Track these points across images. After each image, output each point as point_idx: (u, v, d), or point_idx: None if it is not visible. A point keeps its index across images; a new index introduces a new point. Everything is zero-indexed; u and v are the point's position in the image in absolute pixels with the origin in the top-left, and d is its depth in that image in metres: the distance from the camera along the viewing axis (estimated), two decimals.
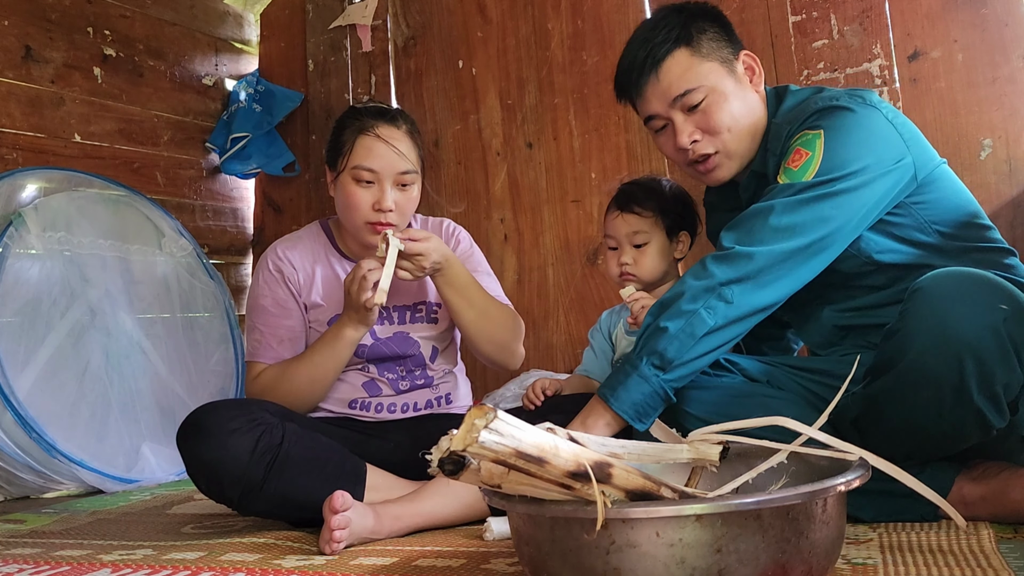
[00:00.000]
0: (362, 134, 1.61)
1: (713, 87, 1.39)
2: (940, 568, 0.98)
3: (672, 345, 1.25)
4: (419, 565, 1.18)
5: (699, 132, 1.41)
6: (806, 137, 1.31)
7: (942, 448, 1.20)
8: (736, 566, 0.80)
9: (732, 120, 1.40)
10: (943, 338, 1.08)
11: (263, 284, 1.69)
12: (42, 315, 2.29)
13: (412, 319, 1.73)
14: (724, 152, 1.42)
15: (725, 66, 1.41)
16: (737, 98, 1.41)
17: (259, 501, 1.40)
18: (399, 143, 1.61)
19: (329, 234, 1.76)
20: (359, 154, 1.60)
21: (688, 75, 1.39)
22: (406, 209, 1.64)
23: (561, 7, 2.78)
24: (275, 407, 1.52)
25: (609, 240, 1.74)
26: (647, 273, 1.71)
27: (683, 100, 1.39)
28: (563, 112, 2.77)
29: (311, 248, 1.74)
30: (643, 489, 0.85)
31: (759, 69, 1.45)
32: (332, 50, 3.21)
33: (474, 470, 0.80)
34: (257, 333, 1.67)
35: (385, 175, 1.59)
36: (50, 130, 2.63)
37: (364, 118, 1.63)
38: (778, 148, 1.39)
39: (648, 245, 1.71)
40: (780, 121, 1.41)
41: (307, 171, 3.25)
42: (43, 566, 1.33)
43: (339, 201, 1.66)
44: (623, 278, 1.72)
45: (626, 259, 1.71)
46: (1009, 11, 2.14)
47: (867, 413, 1.24)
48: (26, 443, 2.14)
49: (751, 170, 1.45)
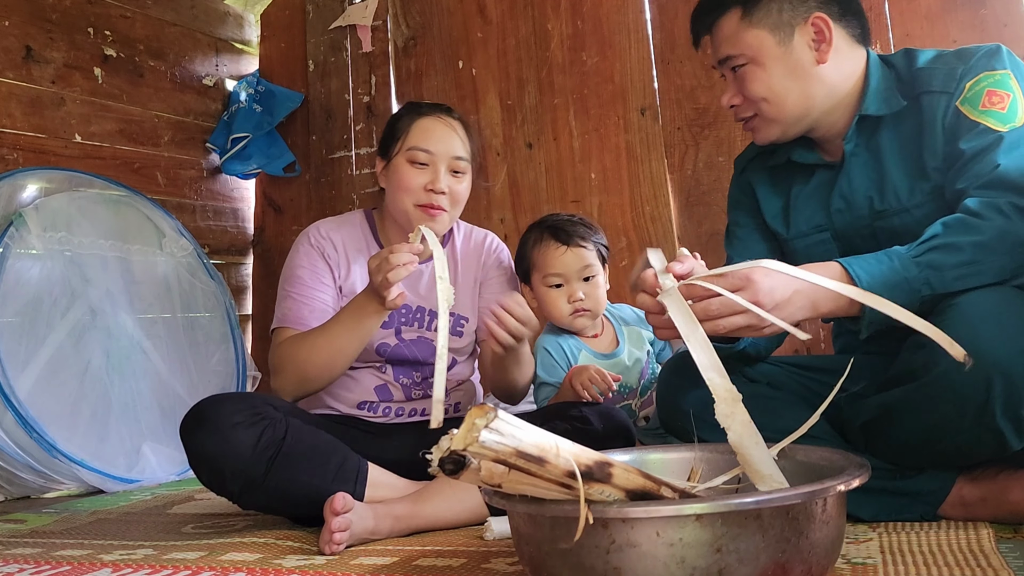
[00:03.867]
0: (420, 117, 1.65)
1: (753, 56, 1.34)
2: (940, 568, 0.98)
3: (950, 274, 1.14)
4: (419, 565, 1.18)
5: (739, 96, 1.38)
6: (993, 78, 1.27)
7: (951, 461, 1.20)
8: (736, 566, 0.80)
9: (768, 92, 1.35)
10: (974, 356, 1.07)
11: (302, 255, 1.68)
12: (43, 315, 2.29)
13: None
14: (762, 117, 1.38)
15: (776, 34, 1.33)
16: (781, 69, 1.34)
17: (260, 495, 1.40)
18: (457, 129, 1.66)
19: (372, 225, 1.76)
20: (415, 135, 1.63)
21: (731, 39, 1.36)
22: (458, 197, 1.65)
23: (561, 7, 2.78)
24: (279, 401, 1.51)
25: (552, 278, 1.71)
26: (600, 305, 1.71)
27: (726, 63, 1.38)
28: (563, 112, 2.77)
29: (353, 235, 1.73)
30: (643, 489, 0.86)
31: (829, 36, 1.34)
32: (332, 50, 3.21)
33: (474, 470, 0.80)
34: (289, 301, 1.65)
35: (440, 158, 1.61)
36: (51, 130, 2.63)
37: (422, 107, 1.69)
38: (936, 87, 1.30)
39: (595, 278, 1.71)
40: (930, 67, 1.32)
41: (307, 171, 3.25)
42: (43, 566, 1.33)
43: (391, 186, 1.66)
44: (577, 315, 1.70)
45: (580, 294, 1.69)
46: (1008, 11, 2.15)
47: (879, 420, 1.23)
48: (27, 443, 2.14)
49: (859, 115, 1.35)
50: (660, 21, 2.65)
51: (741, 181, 1.57)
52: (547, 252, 1.71)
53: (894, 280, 1.12)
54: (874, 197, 1.35)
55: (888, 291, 1.09)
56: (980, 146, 1.23)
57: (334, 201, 3.15)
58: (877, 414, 1.23)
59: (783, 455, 1.07)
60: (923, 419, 1.15)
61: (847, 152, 1.38)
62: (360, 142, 3.14)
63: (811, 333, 1.71)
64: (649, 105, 2.65)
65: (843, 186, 1.38)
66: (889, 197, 1.34)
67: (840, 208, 1.39)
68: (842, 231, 1.40)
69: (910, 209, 1.32)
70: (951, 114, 1.28)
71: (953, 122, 1.28)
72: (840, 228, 1.40)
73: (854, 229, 1.38)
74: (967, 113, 1.26)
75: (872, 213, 1.36)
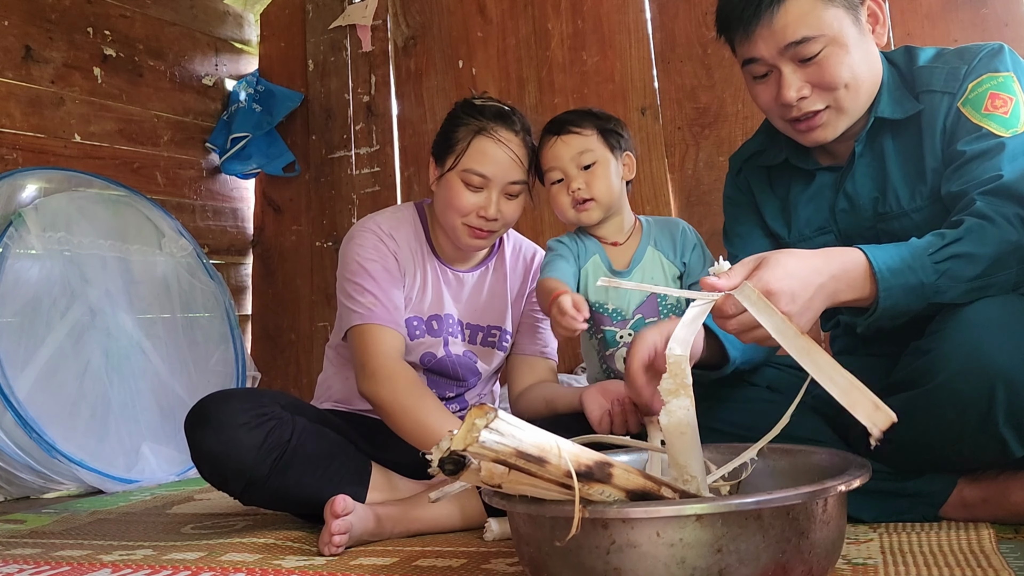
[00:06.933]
0: (480, 135, 1.54)
1: (835, 37, 1.22)
2: (940, 568, 0.98)
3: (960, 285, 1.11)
4: (419, 565, 1.18)
5: (808, 87, 1.25)
6: (996, 80, 1.24)
7: (953, 466, 1.20)
8: (736, 566, 0.80)
9: (851, 76, 1.24)
10: (977, 364, 1.06)
11: (370, 248, 1.59)
12: (42, 315, 2.29)
13: (484, 341, 1.70)
14: (836, 107, 1.27)
15: (851, 13, 1.23)
16: (859, 50, 1.25)
17: (262, 494, 1.39)
18: (516, 149, 1.55)
19: (425, 225, 1.68)
20: (473, 157, 1.53)
21: (808, 19, 1.21)
22: (510, 219, 1.59)
23: (561, 7, 2.78)
24: (286, 399, 1.49)
25: (551, 173, 1.57)
26: (604, 194, 1.54)
27: (796, 49, 1.23)
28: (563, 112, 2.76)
29: (410, 236, 1.65)
30: (643, 489, 0.85)
31: (883, 17, 1.28)
32: (332, 50, 3.21)
33: (474, 470, 0.80)
34: (368, 296, 1.54)
35: (496, 183, 1.54)
36: (50, 130, 2.63)
37: (483, 119, 1.56)
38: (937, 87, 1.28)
39: (596, 165, 1.54)
40: (931, 66, 1.30)
41: (307, 171, 3.25)
42: (43, 566, 1.33)
43: (441, 198, 1.59)
44: (579, 208, 1.55)
45: (577, 184, 1.53)
46: (1009, 11, 2.15)
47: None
48: (26, 443, 2.13)
49: (874, 117, 1.31)
50: (660, 21, 2.65)
51: (738, 180, 1.54)
52: (543, 149, 1.58)
53: (913, 283, 1.10)
54: (879, 198, 1.34)
55: (903, 292, 1.09)
56: (981, 150, 1.22)
57: (334, 201, 3.15)
58: None
59: (783, 455, 1.07)
60: (925, 426, 1.14)
61: (856, 153, 1.35)
62: (360, 142, 3.14)
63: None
64: (649, 105, 2.65)
65: (848, 187, 1.37)
66: (891, 200, 1.33)
67: (844, 208, 1.38)
68: (846, 232, 1.38)
69: (910, 213, 1.31)
70: (952, 115, 1.27)
71: (954, 123, 1.26)
72: (844, 229, 1.39)
73: (857, 231, 1.37)
74: (969, 116, 1.25)
75: (875, 215, 1.35)
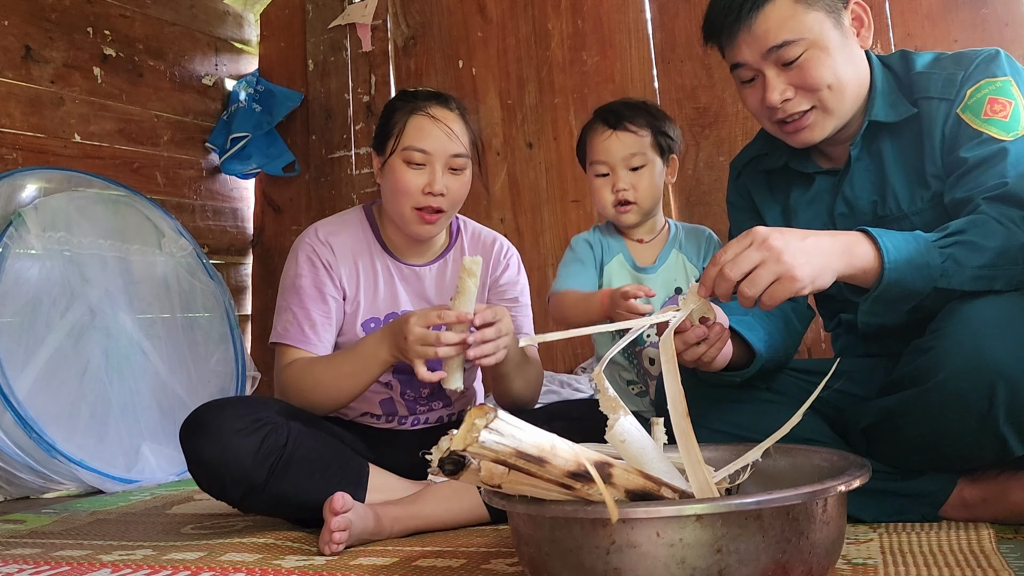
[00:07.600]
0: (414, 114, 1.57)
1: (815, 40, 1.24)
2: (940, 568, 0.98)
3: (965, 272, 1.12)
4: (419, 565, 1.18)
5: (792, 89, 1.27)
6: (994, 85, 1.24)
7: (953, 465, 1.20)
8: (736, 566, 0.80)
9: (834, 78, 1.26)
10: (978, 362, 1.06)
11: (301, 264, 1.62)
12: (42, 315, 2.29)
13: None
14: (821, 108, 1.28)
15: (832, 16, 1.26)
16: (841, 53, 1.26)
17: (261, 501, 1.40)
18: (452, 124, 1.57)
19: (373, 224, 1.70)
20: (410, 135, 1.55)
21: (789, 23, 1.24)
22: (457, 195, 1.59)
23: (561, 7, 2.78)
24: (281, 405, 1.50)
25: (598, 166, 1.57)
26: (648, 199, 1.56)
27: (779, 53, 1.25)
28: (563, 112, 2.77)
29: (354, 237, 1.67)
30: (643, 489, 0.85)
31: (868, 21, 1.30)
32: (332, 50, 3.21)
33: (474, 470, 0.80)
34: (289, 315, 1.59)
35: (437, 157, 1.55)
36: (50, 130, 2.63)
37: (416, 100, 1.59)
38: (935, 93, 1.28)
39: (645, 168, 1.55)
40: (928, 71, 1.30)
41: (307, 171, 3.25)
42: (43, 566, 1.33)
43: (387, 187, 1.60)
44: (620, 209, 1.57)
45: (623, 184, 1.55)
46: (1009, 11, 2.15)
47: (881, 424, 1.22)
48: (26, 443, 2.13)
49: (868, 120, 1.32)
50: (660, 20, 2.65)
51: (738, 185, 1.54)
52: (594, 137, 1.58)
53: (919, 261, 1.09)
54: (877, 202, 1.34)
55: (911, 270, 1.09)
56: (984, 155, 1.21)
57: (334, 201, 3.15)
58: (879, 418, 1.23)
59: (783, 455, 1.07)
60: (925, 424, 1.15)
61: (852, 157, 1.35)
62: (360, 142, 3.14)
63: (811, 334, 1.70)
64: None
65: (846, 191, 1.37)
66: (890, 203, 1.33)
67: (843, 212, 1.37)
68: None
69: (910, 216, 1.31)
70: (952, 121, 1.27)
71: (954, 130, 1.26)
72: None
73: None
74: (969, 122, 1.25)
75: (875, 218, 1.34)
